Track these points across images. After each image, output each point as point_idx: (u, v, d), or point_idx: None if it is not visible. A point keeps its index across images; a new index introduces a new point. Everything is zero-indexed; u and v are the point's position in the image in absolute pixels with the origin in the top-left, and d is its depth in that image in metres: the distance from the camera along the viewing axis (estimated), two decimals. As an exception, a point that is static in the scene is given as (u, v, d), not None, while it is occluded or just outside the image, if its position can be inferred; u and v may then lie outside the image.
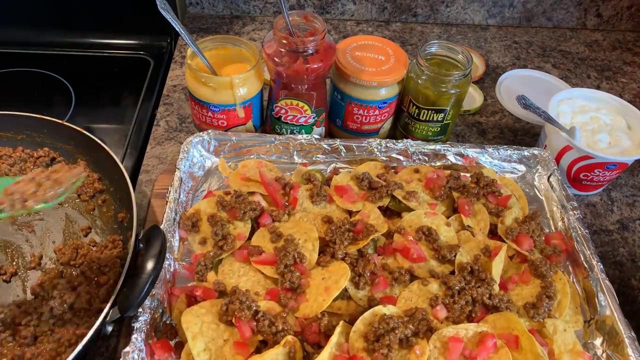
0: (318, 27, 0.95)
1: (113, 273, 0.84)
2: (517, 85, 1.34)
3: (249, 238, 0.89)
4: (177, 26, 0.93)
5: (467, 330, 0.75)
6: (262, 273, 0.83)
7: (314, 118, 1.04)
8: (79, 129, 0.96)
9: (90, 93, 1.25)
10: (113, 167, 0.92)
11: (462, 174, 1.01)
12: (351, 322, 0.77)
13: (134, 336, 0.70)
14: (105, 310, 0.71)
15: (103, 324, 0.72)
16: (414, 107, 1.04)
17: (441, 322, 0.79)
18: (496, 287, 0.82)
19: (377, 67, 1.00)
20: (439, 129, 1.08)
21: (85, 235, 0.92)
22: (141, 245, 0.79)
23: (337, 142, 1.03)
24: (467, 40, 1.50)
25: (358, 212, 0.93)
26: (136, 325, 0.72)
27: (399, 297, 0.82)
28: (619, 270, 0.98)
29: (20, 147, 1.00)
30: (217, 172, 1.01)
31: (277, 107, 1.02)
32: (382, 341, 0.72)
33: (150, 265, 0.72)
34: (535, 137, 1.21)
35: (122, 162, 0.91)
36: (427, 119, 1.05)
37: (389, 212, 0.96)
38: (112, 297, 0.73)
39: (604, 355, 0.78)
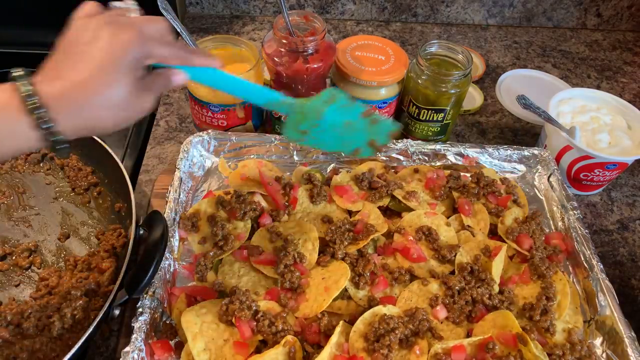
0: (318, 27, 0.95)
1: (113, 260, 0.85)
2: (517, 85, 1.34)
3: (249, 238, 0.89)
4: (177, 26, 0.93)
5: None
6: (262, 273, 0.83)
7: (314, 118, 1.04)
8: None
9: (90, 93, 1.24)
10: (106, 159, 0.92)
11: (462, 174, 1.01)
12: (351, 322, 0.77)
13: (134, 336, 0.70)
14: (114, 292, 0.72)
15: (111, 306, 0.72)
16: (414, 107, 1.04)
17: (441, 322, 0.79)
18: (496, 287, 0.82)
19: (377, 67, 1.00)
20: (439, 128, 1.08)
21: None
22: (142, 230, 0.80)
23: (337, 142, 1.03)
24: (467, 40, 1.50)
25: (358, 212, 0.93)
26: (136, 325, 0.72)
27: (399, 297, 0.82)
28: (619, 270, 0.98)
29: None
30: (217, 172, 1.01)
31: (277, 107, 1.02)
32: (382, 341, 0.72)
33: (154, 247, 0.73)
34: (535, 137, 1.21)
35: (122, 162, 0.92)
36: (427, 118, 1.05)
37: (389, 212, 0.96)
38: (119, 280, 0.73)
39: (604, 355, 0.78)
